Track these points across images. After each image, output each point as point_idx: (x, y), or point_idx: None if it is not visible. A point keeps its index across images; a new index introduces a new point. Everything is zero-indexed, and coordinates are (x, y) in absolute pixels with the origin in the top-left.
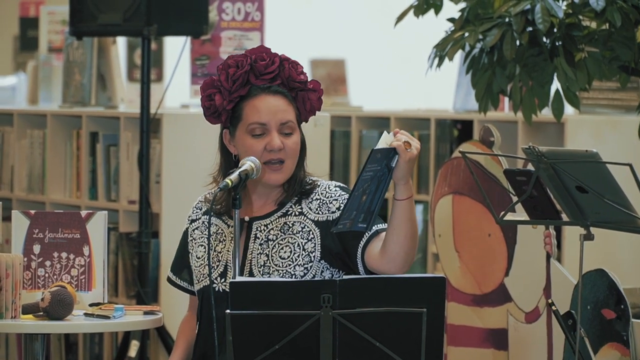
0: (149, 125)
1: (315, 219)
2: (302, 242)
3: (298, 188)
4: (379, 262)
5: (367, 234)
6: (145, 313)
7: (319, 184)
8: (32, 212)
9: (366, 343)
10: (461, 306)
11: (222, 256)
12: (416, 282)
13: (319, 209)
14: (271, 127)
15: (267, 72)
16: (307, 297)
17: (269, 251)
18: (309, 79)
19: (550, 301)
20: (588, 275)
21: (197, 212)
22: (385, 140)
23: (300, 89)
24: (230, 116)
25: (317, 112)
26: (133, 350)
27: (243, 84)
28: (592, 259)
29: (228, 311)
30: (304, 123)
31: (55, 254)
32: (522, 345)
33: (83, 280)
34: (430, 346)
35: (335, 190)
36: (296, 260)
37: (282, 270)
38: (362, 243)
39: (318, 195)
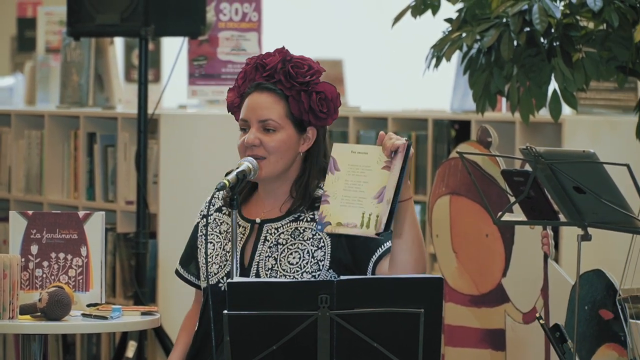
0: (146, 125)
1: None
2: (311, 250)
3: (308, 199)
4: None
5: (379, 249)
6: (143, 314)
7: None
8: (30, 212)
9: (364, 343)
10: (459, 307)
11: (230, 256)
12: (414, 283)
13: None
14: (252, 123)
15: (267, 69)
16: (304, 298)
17: (277, 255)
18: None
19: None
20: (585, 276)
21: (210, 208)
22: (373, 151)
23: (303, 89)
24: None
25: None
26: (130, 351)
27: (249, 80)
28: (590, 259)
29: (226, 311)
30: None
31: (53, 255)
32: (519, 345)
33: (80, 281)
34: (428, 347)
35: None
36: (304, 267)
37: (289, 276)
38: (374, 257)
39: None
